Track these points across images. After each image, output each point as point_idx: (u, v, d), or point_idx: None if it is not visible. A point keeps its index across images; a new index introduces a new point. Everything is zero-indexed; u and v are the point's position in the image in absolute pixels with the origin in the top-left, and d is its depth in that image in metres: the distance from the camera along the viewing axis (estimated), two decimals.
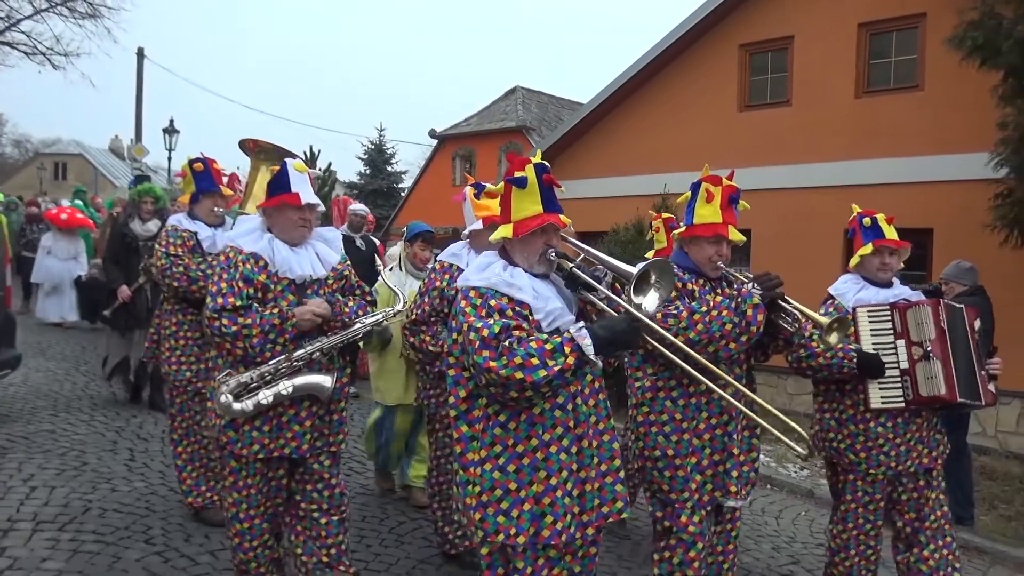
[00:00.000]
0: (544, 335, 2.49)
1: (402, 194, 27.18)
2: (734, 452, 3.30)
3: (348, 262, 3.54)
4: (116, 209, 9.28)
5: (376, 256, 8.33)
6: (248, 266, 3.16)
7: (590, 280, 2.68)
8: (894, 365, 3.69)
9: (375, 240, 8.75)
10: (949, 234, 8.45)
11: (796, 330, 3.30)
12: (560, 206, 2.70)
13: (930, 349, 3.64)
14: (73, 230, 11.34)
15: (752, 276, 3.33)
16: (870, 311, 3.76)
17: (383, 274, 4.33)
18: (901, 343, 3.71)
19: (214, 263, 4.26)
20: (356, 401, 7.58)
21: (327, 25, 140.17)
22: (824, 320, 3.13)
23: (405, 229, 5.26)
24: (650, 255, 4.84)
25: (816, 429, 3.99)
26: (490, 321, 2.47)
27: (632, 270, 2.57)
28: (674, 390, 3.27)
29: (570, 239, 2.96)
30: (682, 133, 11.08)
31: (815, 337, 3.63)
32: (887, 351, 3.71)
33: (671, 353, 2.83)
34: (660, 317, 2.96)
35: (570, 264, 2.69)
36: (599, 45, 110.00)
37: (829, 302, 3.90)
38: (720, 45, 10.93)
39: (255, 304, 3.14)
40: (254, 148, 4.05)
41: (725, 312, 3.07)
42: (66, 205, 12.37)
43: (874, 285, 3.86)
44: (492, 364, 2.39)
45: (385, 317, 3.54)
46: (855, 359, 3.65)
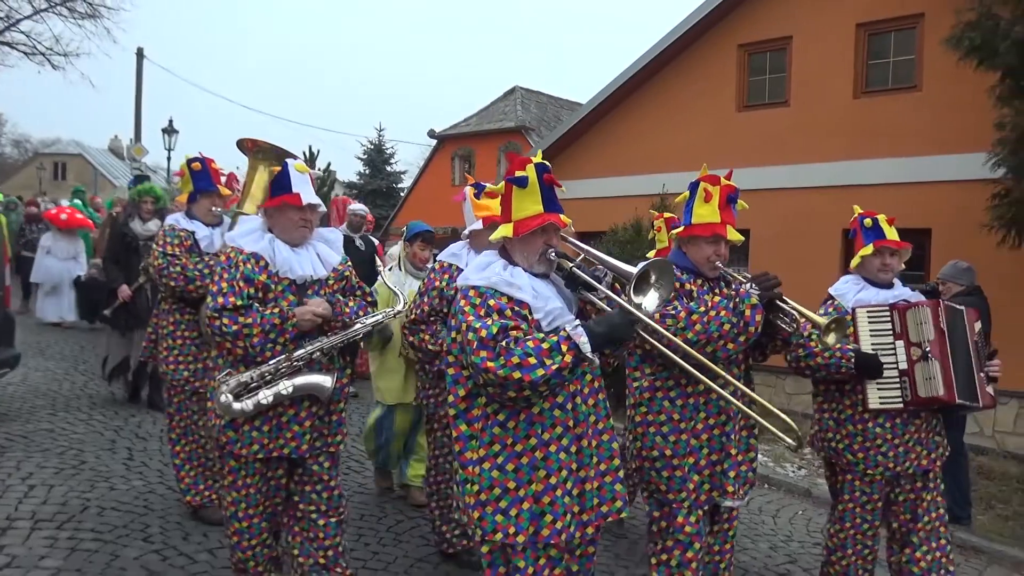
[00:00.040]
0: (541, 334, 2.49)
1: (401, 194, 27.21)
2: (732, 452, 3.29)
3: (349, 263, 3.54)
4: (116, 209, 9.28)
5: (376, 256, 8.42)
6: (249, 266, 3.17)
7: (590, 280, 2.68)
8: (893, 366, 3.69)
9: (374, 240, 8.77)
10: (947, 234, 8.47)
11: (794, 330, 3.28)
12: (560, 206, 2.70)
13: (929, 350, 3.64)
14: (73, 230, 11.34)
15: (750, 276, 3.31)
16: (869, 311, 3.75)
17: (383, 274, 4.34)
18: (900, 344, 3.70)
19: (212, 263, 4.29)
20: (355, 400, 7.59)
21: (327, 25, 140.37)
22: (822, 320, 3.12)
23: (405, 229, 5.27)
24: (651, 255, 4.84)
25: (815, 429, 3.99)
26: (488, 321, 2.47)
27: (632, 270, 2.57)
28: (672, 390, 3.26)
29: (570, 239, 2.96)
30: (681, 133, 11.09)
31: (814, 337, 3.61)
32: (886, 352, 3.70)
33: (670, 352, 2.83)
34: (658, 318, 2.96)
35: (570, 264, 2.69)
36: (599, 45, 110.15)
37: (829, 302, 3.89)
38: (719, 45, 10.95)
39: (256, 304, 3.14)
40: (252, 148, 4.05)
41: (723, 312, 3.06)
42: (65, 205, 12.38)
43: (874, 286, 3.85)
44: (490, 364, 2.39)
45: (385, 317, 3.54)
46: (853, 359, 3.65)
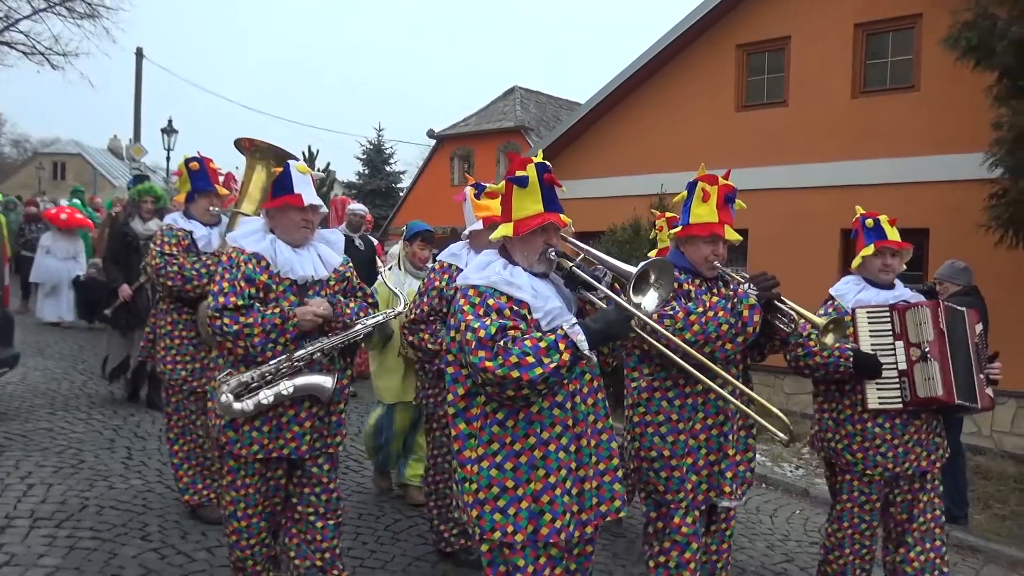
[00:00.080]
0: (539, 333, 2.50)
1: (400, 194, 27.20)
2: (729, 453, 3.28)
3: (350, 263, 3.54)
4: (115, 209, 9.29)
5: (375, 256, 8.43)
6: (250, 266, 3.17)
7: (590, 279, 2.68)
8: (892, 366, 3.69)
9: (373, 240, 8.78)
10: (945, 234, 8.47)
11: (792, 330, 3.28)
12: (561, 206, 2.71)
13: (928, 350, 3.63)
14: (72, 230, 11.35)
15: (748, 276, 3.30)
16: (869, 312, 3.75)
17: (383, 274, 4.34)
18: (900, 344, 3.70)
19: (209, 262, 4.29)
20: (353, 400, 7.59)
21: (327, 25, 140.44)
22: (820, 321, 3.12)
23: (404, 228, 5.28)
24: (652, 254, 4.84)
25: (815, 429, 3.99)
26: (487, 321, 2.48)
27: (632, 269, 2.57)
28: (670, 391, 3.25)
29: (570, 239, 2.96)
30: (679, 133, 11.10)
31: (813, 336, 3.61)
32: (886, 352, 3.70)
33: (669, 351, 2.83)
34: (656, 318, 2.96)
35: (570, 263, 2.70)
36: (599, 45, 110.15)
37: (829, 303, 3.89)
38: (717, 45, 10.96)
39: (257, 304, 3.15)
40: (250, 147, 4.05)
41: (721, 313, 3.06)
42: (65, 205, 12.39)
43: (875, 286, 3.85)
44: (488, 364, 2.40)
45: (386, 318, 3.54)
46: (851, 358, 3.65)
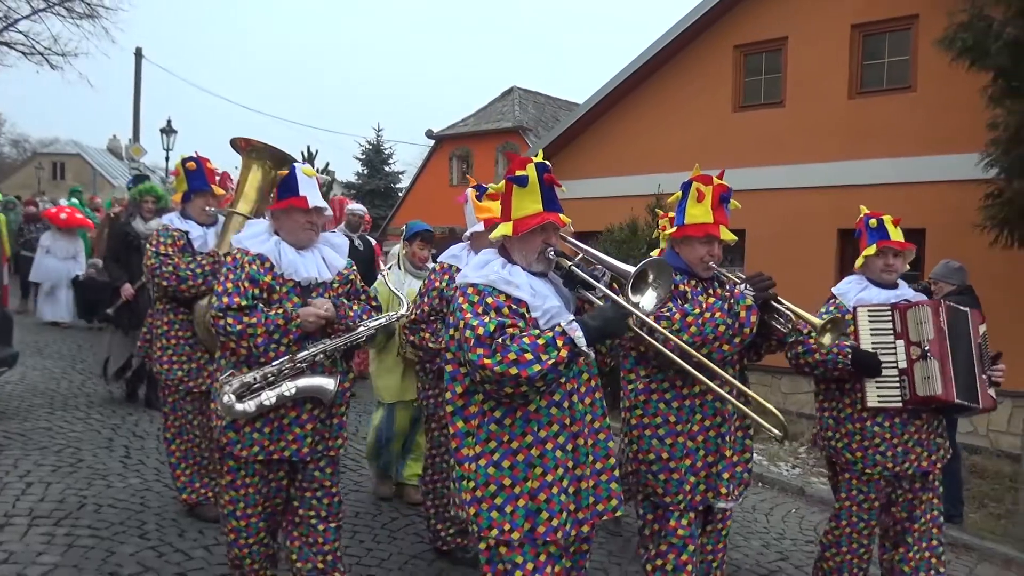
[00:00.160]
0: (537, 331, 2.51)
1: (399, 194, 27.20)
2: (727, 454, 3.27)
3: (354, 267, 3.56)
4: (115, 209, 9.30)
5: (374, 256, 8.45)
6: (254, 267, 3.19)
7: (588, 278, 2.69)
8: (893, 365, 3.69)
9: (372, 240, 8.79)
10: (942, 234, 8.49)
11: (789, 331, 3.28)
12: (560, 205, 2.72)
13: (928, 349, 3.63)
14: (72, 229, 11.36)
15: (744, 277, 3.31)
16: (871, 311, 3.76)
17: (385, 275, 4.36)
18: (900, 343, 3.70)
19: (204, 262, 4.31)
20: (352, 400, 7.59)
21: (327, 25, 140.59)
22: (818, 321, 3.12)
23: (404, 228, 5.30)
24: (654, 254, 4.85)
25: (817, 428, 4.00)
26: (486, 319, 2.49)
27: (630, 269, 2.59)
28: (667, 392, 3.23)
29: (569, 238, 2.97)
30: (677, 134, 11.13)
31: (812, 334, 3.60)
32: (886, 351, 3.70)
33: (667, 351, 2.83)
34: (653, 319, 2.98)
35: (568, 263, 2.71)
36: (598, 45, 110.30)
37: (831, 301, 3.90)
38: (715, 46, 10.98)
39: (260, 304, 3.16)
40: (246, 147, 4.06)
41: (718, 314, 3.05)
42: (65, 205, 12.40)
43: (878, 286, 3.86)
44: (487, 361, 2.41)
45: (388, 321, 3.55)
46: (850, 356, 3.66)
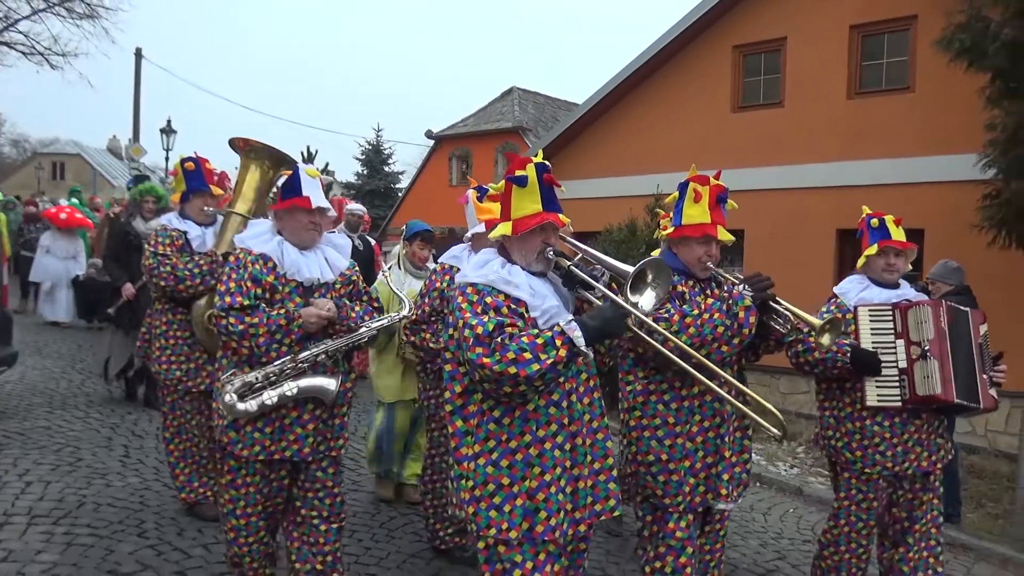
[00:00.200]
0: (536, 330, 2.52)
1: (399, 194, 27.20)
2: (726, 455, 3.26)
3: (356, 267, 3.56)
4: (114, 209, 9.31)
5: (373, 256, 8.46)
6: (257, 267, 3.20)
7: (587, 278, 2.69)
8: (893, 364, 3.69)
9: (371, 240, 8.80)
10: (940, 235, 8.49)
11: (788, 331, 3.28)
12: (559, 205, 2.73)
13: (928, 348, 3.63)
14: (72, 229, 11.37)
15: (742, 277, 3.31)
16: (871, 310, 3.76)
17: (388, 276, 4.36)
18: (900, 343, 3.71)
19: (202, 262, 4.31)
20: (352, 400, 7.61)
21: (327, 25, 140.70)
22: (817, 321, 3.12)
23: (404, 228, 5.31)
24: (655, 254, 4.84)
25: (818, 428, 4.01)
26: (485, 318, 2.50)
27: (629, 269, 2.59)
28: (666, 393, 3.22)
29: (568, 238, 2.97)
30: (676, 134, 11.14)
31: (812, 334, 3.60)
32: (887, 350, 3.70)
33: (667, 351, 2.83)
34: (652, 319, 2.98)
35: (568, 263, 2.71)
36: (598, 45, 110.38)
37: (832, 300, 3.91)
38: (714, 46, 11.00)
39: (262, 304, 3.17)
40: (244, 147, 4.07)
41: (717, 315, 3.05)
42: (65, 205, 12.42)
43: (879, 286, 3.86)
44: (486, 360, 2.42)
45: (391, 322, 3.56)
46: (849, 354, 3.66)
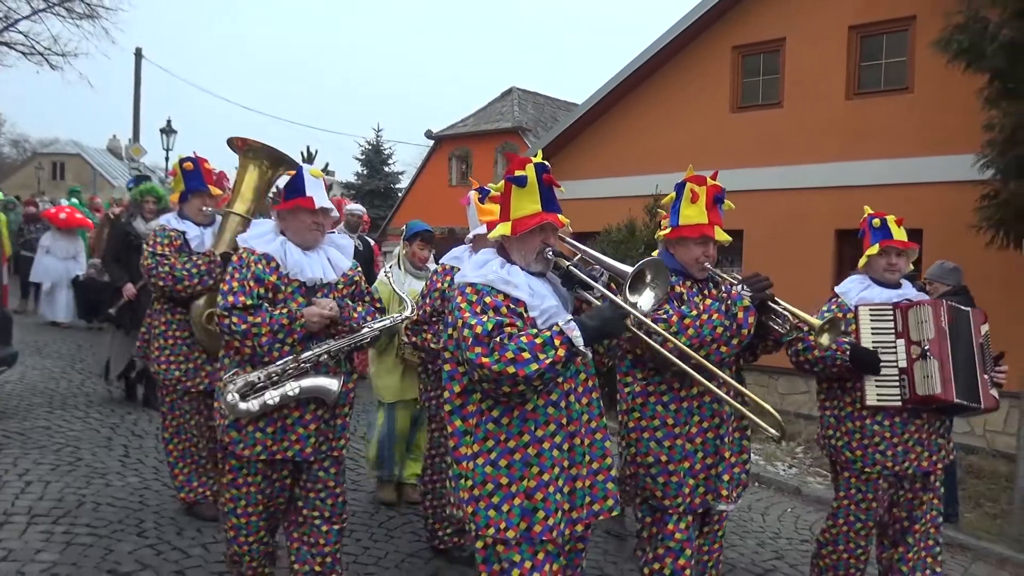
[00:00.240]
0: (535, 330, 2.53)
1: (399, 194, 27.21)
2: (726, 455, 3.25)
3: (359, 268, 3.57)
4: (114, 209, 9.32)
5: (373, 256, 8.47)
6: (260, 266, 3.21)
7: (586, 278, 2.69)
8: (893, 364, 3.69)
9: (370, 240, 8.81)
10: (940, 235, 8.49)
11: (786, 331, 3.27)
12: (559, 206, 2.73)
13: (928, 348, 3.64)
14: (72, 229, 11.38)
15: (740, 278, 3.31)
16: (872, 310, 3.76)
17: (390, 277, 4.36)
18: (901, 342, 3.71)
19: (200, 262, 4.32)
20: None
21: (327, 25, 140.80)
22: (815, 321, 3.13)
23: (404, 228, 5.32)
24: (655, 254, 4.85)
25: (820, 427, 4.02)
26: (484, 318, 2.50)
27: (628, 269, 2.60)
28: (665, 394, 3.22)
29: (567, 239, 2.97)
30: (675, 134, 11.15)
31: (811, 334, 3.58)
32: (887, 350, 3.71)
33: (666, 352, 2.84)
34: (651, 319, 2.98)
35: (567, 263, 2.72)
36: (598, 45, 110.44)
37: (833, 300, 3.92)
38: (713, 47, 11.00)
39: (265, 304, 3.18)
40: (242, 147, 4.07)
41: (716, 315, 3.05)
42: (65, 205, 12.43)
43: (880, 285, 3.87)
44: (485, 360, 2.43)
45: (393, 323, 3.57)
46: (848, 351, 3.66)
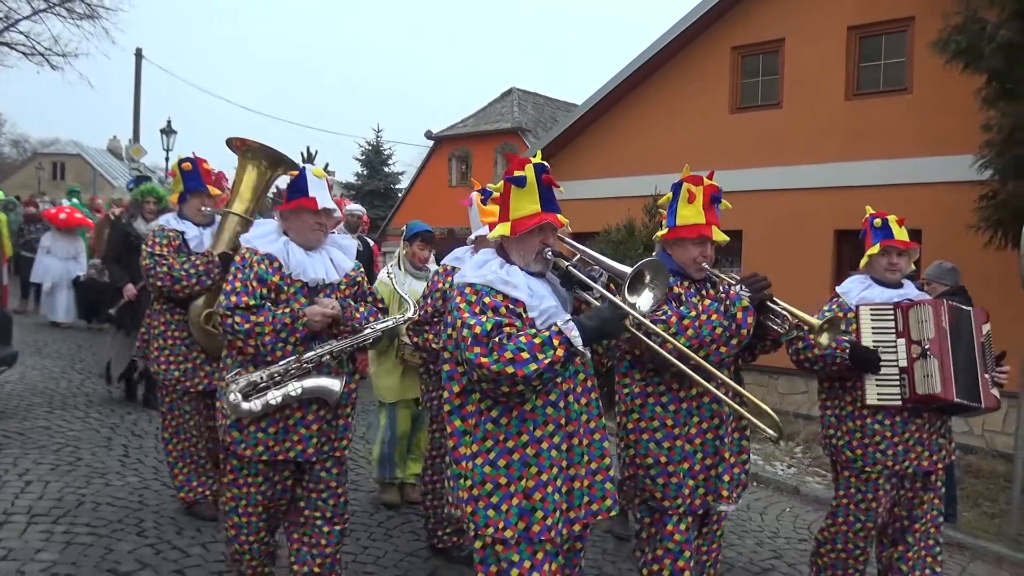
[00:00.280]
0: (533, 330, 2.53)
1: (399, 195, 27.22)
2: (726, 456, 3.25)
3: (361, 269, 3.58)
4: (114, 209, 9.33)
5: (373, 257, 8.48)
6: (263, 266, 3.22)
7: (585, 279, 2.70)
8: (894, 363, 3.70)
9: (370, 241, 8.82)
10: (939, 235, 8.50)
11: (785, 331, 3.27)
12: (558, 206, 2.74)
13: (928, 348, 3.64)
14: (73, 230, 11.40)
15: (738, 278, 3.31)
16: (873, 309, 3.77)
17: (392, 277, 4.37)
18: (902, 342, 3.71)
19: (198, 262, 4.32)
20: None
21: (327, 25, 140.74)
22: (814, 321, 3.13)
23: (404, 228, 5.33)
24: (653, 255, 4.85)
25: (821, 427, 4.02)
26: (483, 318, 2.51)
27: (627, 269, 2.60)
28: (664, 395, 3.21)
29: (566, 239, 2.98)
30: (674, 135, 11.16)
31: (811, 334, 3.58)
32: (888, 349, 3.71)
33: (666, 352, 2.84)
34: (650, 321, 2.99)
35: (566, 263, 2.72)
36: (598, 45, 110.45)
37: (834, 299, 3.92)
38: (712, 47, 11.02)
39: (268, 304, 3.19)
40: (241, 147, 4.08)
41: (715, 316, 3.04)
42: (65, 205, 12.44)
43: (881, 285, 3.87)
44: (484, 360, 2.43)
45: (395, 323, 3.58)
46: (848, 350, 3.66)
